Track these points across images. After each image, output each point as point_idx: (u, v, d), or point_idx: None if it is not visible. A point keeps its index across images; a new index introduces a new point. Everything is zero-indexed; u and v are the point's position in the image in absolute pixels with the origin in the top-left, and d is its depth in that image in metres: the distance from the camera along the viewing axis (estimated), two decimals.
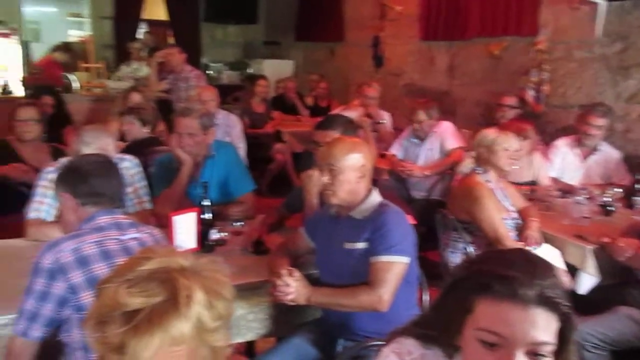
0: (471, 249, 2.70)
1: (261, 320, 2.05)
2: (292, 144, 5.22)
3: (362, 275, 1.80)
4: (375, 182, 2.05)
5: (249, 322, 2.02)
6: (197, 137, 2.60)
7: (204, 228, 2.19)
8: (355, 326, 1.87)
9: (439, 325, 1.01)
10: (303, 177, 2.43)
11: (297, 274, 1.84)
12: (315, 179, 2.21)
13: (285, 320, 2.08)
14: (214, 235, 2.23)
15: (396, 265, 1.78)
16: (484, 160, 2.71)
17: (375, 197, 1.92)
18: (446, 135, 4.01)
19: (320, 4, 7.52)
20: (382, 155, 4.17)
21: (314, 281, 1.92)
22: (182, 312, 0.81)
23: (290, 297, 1.80)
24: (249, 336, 2.07)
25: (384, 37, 6.21)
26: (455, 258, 2.79)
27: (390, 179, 4.02)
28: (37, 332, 1.48)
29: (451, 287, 0.99)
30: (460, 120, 4.67)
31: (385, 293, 1.74)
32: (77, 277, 1.47)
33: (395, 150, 4.16)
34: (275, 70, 7.37)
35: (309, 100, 6.31)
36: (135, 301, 0.80)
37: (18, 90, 5.28)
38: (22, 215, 2.38)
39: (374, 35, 6.29)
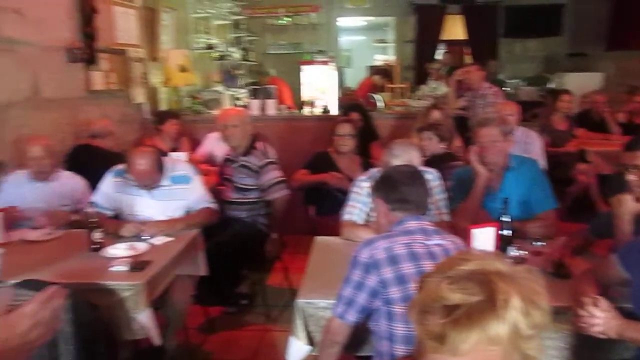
0: None
1: (560, 349, 1.92)
2: (598, 164, 4.72)
3: None
4: None
5: (547, 349, 1.92)
6: (499, 145, 2.61)
7: (502, 244, 2.17)
8: None
9: None
10: (613, 202, 2.20)
11: (604, 303, 1.67)
12: (629, 204, 2.00)
13: (589, 354, 1.90)
14: (513, 252, 2.19)
15: None
16: None
17: None
18: None
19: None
20: None
21: (626, 316, 1.72)
22: (499, 315, 0.84)
23: (596, 328, 1.65)
24: None
25: None
26: None
27: None
28: (352, 316, 1.69)
29: None
30: None
31: None
32: (387, 273, 1.64)
33: None
34: (580, 84, 6.78)
35: (621, 117, 5.61)
36: (455, 297, 0.86)
37: (334, 110, 6.05)
38: (338, 216, 2.74)
39: None
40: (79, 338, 1.45)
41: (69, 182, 3.18)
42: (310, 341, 1.99)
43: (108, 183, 2.97)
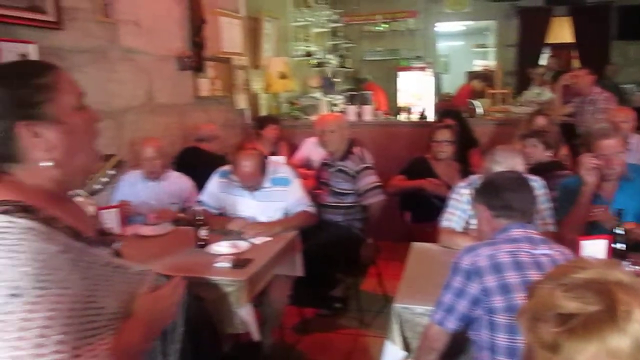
0: None
1: None
2: None
3: None
4: None
5: None
6: (622, 156, 2.48)
7: (614, 259, 2.04)
8: None
9: None
10: None
11: None
12: None
13: None
14: (627, 268, 2.04)
15: None
16: None
17: None
18: None
19: None
20: None
21: None
22: (620, 327, 0.79)
23: None
24: None
25: None
26: None
27: None
28: (451, 324, 1.66)
29: None
30: None
31: None
32: (490, 281, 1.59)
33: None
34: None
35: None
36: (571, 305, 0.82)
37: (430, 116, 5.96)
38: (435, 223, 2.70)
39: None
40: (187, 326, 1.55)
41: (178, 181, 3.38)
42: (406, 347, 1.98)
43: (214, 183, 3.13)
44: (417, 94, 7.51)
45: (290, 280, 2.96)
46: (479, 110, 5.84)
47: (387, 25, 8.98)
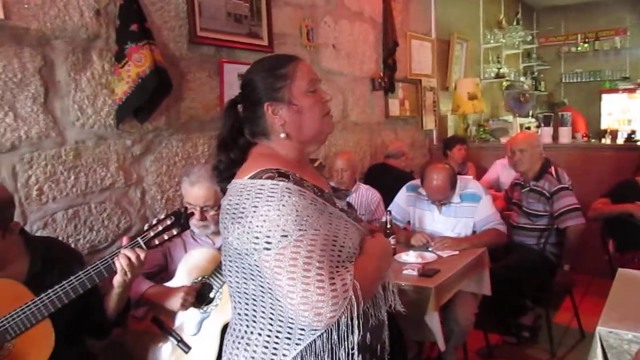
0: None
1: None
2: None
3: None
4: None
5: None
6: None
7: None
8: None
9: None
10: None
11: None
12: None
13: None
14: None
15: None
16: None
17: None
18: None
19: None
20: None
21: None
22: None
23: None
24: None
25: None
26: None
27: None
28: None
29: None
30: None
31: None
32: None
33: None
34: None
35: None
36: None
37: None
38: None
39: None
40: None
41: (367, 194, 3.51)
42: None
43: (402, 196, 3.20)
44: (623, 118, 6.85)
45: (477, 299, 2.87)
46: None
47: (588, 45, 8.32)
